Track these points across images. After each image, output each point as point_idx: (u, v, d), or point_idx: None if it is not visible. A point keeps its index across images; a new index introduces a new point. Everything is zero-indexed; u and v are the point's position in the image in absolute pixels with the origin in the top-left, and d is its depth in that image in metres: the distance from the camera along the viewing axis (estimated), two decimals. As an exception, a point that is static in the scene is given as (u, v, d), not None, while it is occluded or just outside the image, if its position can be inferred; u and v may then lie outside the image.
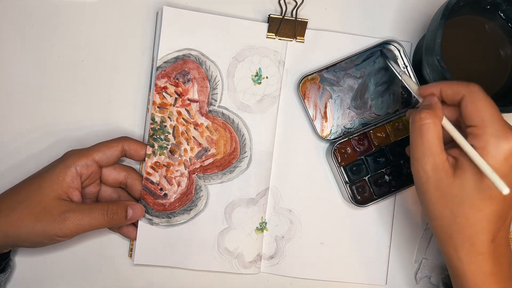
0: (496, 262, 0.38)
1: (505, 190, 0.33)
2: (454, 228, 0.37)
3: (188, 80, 0.51)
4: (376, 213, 0.54)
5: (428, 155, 0.37)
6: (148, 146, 0.51)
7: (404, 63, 0.52)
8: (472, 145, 0.36)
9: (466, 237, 0.37)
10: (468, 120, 0.37)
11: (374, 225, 0.54)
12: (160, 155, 0.51)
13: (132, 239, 0.51)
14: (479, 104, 0.37)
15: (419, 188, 0.39)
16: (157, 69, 0.50)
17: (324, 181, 0.54)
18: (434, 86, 0.40)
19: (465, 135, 0.38)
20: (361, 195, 0.53)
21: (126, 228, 0.50)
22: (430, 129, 0.37)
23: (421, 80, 0.52)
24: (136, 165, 0.52)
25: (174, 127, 0.51)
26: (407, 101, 0.53)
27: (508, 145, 0.35)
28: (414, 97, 0.53)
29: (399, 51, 0.52)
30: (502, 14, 0.49)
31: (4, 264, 0.47)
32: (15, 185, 0.45)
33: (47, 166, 0.46)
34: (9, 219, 0.41)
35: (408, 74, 0.52)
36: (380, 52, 0.52)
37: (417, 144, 0.38)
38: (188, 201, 0.52)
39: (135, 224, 0.50)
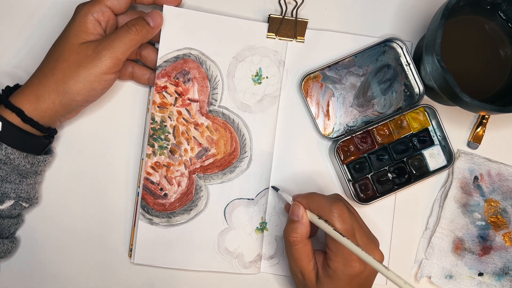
0: None
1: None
2: None
3: (189, 80, 0.51)
4: (376, 213, 0.54)
5: (299, 266, 0.45)
6: (148, 146, 0.51)
7: (407, 61, 0.53)
8: (328, 264, 0.44)
9: None
10: (327, 241, 0.45)
11: (374, 225, 0.54)
12: (160, 155, 0.51)
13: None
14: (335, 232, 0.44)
15: (296, 285, 0.48)
16: (157, 68, 0.50)
17: (327, 180, 0.54)
18: (303, 198, 0.46)
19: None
20: (364, 193, 0.53)
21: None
22: (299, 250, 0.45)
23: (421, 79, 0.52)
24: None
25: (174, 127, 0.51)
26: (410, 99, 0.53)
27: (350, 270, 0.43)
28: (417, 95, 0.53)
29: (401, 48, 0.53)
30: (502, 14, 0.49)
31: (48, 149, 0.50)
32: (46, 55, 0.47)
33: (66, 26, 0.47)
34: (55, 78, 0.44)
35: (411, 71, 0.53)
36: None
37: (291, 260, 0.46)
38: (188, 201, 0.51)
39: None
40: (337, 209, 0.43)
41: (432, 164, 0.54)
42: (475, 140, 0.55)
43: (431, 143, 0.54)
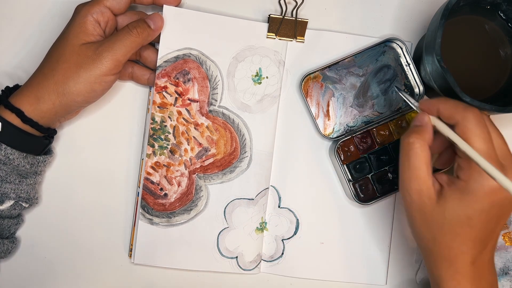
0: (476, 283, 0.40)
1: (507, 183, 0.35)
2: (435, 249, 0.40)
3: (189, 80, 0.51)
4: (376, 213, 0.54)
5: (414, 179, 0.38)
6: (148, 146, 0.51)
7: (407, 61, 0.53)
8: (457, 176, 0.38)
9: (445, 257, 0.40)
10: (457, 150, 0.38)
11: (374, 225, 0.54)
12: (160, 155, 0.51)
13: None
14: (470, 136, 0.37)
15: (405, 209, 0.41)
16: (157, 68, 0.50)
17: (327, 180, 0.54)
18: (433, 103, 0.40)
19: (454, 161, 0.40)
20: (364, 193, 0.53)
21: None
22: (418, 155, 0.38)
23: (421, 79, 0.52)
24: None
25: (174, 127, 0.51)
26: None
27: (489, 182, 0.36)
28: (417, 95, 0.53)
29: (401, 48, 0.52)
30: (502, 14, 0.49)
31: (47, 149, 0.49)
32: (46, 55, 0.46)
33: (65, 27, 0.46)
34: (55, 78, 0.44)
35: (411, 71, 0.53)
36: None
37: (405, 168, 0.39)
38: (188, 201, 0.51)
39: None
40: (472, 113, 0.37)
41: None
42: (475, 140, 0.55)
43: (431, 143, 0.54)
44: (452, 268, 0.39)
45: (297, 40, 0.53)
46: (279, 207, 0.53)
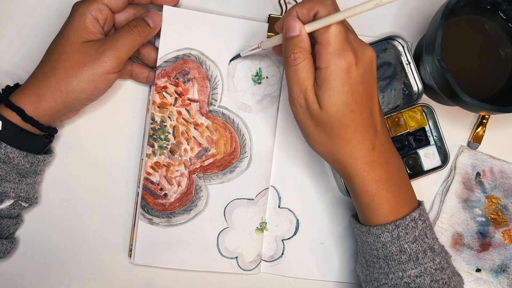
0: (383, 168, 0.42)
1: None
2: (334, 149, 0.41)
3: (188, 80, 0.51)
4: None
5: (304, 88, 0.39)
6: (148, 146, 0.51)
7: (408, 59, 0.52)
8: (318, 66, 0.39)
9: (346, 154, 0.41)
10: (317, 37, 0.39)
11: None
12: (160, 155, 0.51)
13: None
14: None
15: (299, 121, 0.42)
16: (157, 68, 0.50)
17: (327, 180, 0.54)
18: (289, 11, 0.40)
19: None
20: None
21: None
22: (307, 66, 0.39)
23: (421, 79, 0.52)
24: (137, 160, 0.52)
25: (174, 127, 0.51)
26: (408, 97, 0.53)
27: (345, 61, 0.38)
28: (416, 94, 0.53)
29: (403, 47, 0.52)
30: (502, 14, 0.49)
31: (48, 148, 0.50)
32: (46, 53, 0.46)
33: (63, 25, 0.46)
34: (57, 77, 0.44)
35: (411, 70, 0.52)
36: None
37: (294, 81, 0.40)
38: (188, 201, 0.51)
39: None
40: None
41: (427, 164, 0.54)
42: (475, 140, 0.55)
43: (427, 143, 0.54)
44: (357, 162, 0.41)
45: (297, 40, 0.53)
46: (279, 207, 0.53)
